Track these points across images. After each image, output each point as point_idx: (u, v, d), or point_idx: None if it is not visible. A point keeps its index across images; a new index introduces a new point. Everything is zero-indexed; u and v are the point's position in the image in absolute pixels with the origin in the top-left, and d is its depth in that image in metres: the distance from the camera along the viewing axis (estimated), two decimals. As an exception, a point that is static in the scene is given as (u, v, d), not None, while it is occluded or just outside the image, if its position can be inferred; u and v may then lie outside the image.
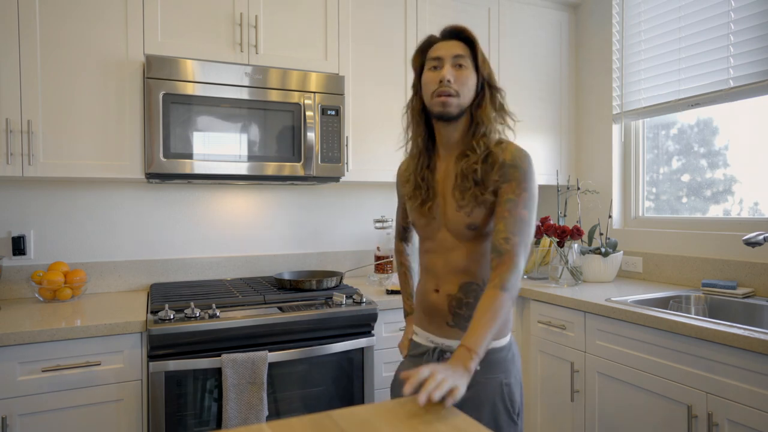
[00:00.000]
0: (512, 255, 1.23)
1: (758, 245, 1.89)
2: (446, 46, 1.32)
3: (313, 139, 2.19)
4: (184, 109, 2.03)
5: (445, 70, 1.29)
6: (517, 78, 2.81)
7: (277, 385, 1.91)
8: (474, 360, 1.11)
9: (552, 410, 2.31)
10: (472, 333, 1.16)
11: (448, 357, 1.34)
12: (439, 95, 1.29)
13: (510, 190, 1.26)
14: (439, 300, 1.37)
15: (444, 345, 1.36)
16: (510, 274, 1.22)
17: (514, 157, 1.28)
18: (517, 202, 1.26)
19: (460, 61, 1.30)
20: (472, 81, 1.31)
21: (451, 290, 1.35)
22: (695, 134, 2.54)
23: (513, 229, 1.24)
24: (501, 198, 1.27)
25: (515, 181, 1.27)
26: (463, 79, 1.30)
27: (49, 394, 1.67)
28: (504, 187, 1.27)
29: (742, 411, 1.55)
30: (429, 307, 1.39)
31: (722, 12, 2.29)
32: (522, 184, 1.27)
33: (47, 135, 1.94)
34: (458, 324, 1.35)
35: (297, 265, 2.68)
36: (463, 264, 1.34)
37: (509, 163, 1.28)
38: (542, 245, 2.68)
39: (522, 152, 1.29)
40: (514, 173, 1.27)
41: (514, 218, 1.25)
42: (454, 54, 1.30)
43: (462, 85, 1.29)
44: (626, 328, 1.93)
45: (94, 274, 2.30)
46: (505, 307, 1.20)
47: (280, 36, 2.28)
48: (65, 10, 1.96)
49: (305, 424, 0.93)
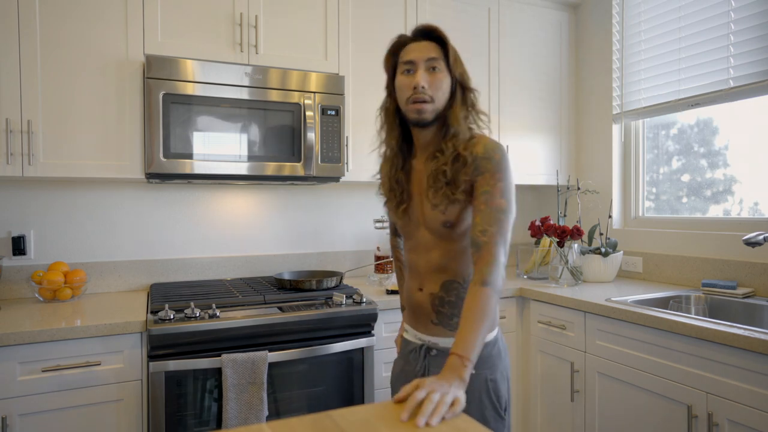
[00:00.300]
0: (490, 246, 1.21)
1: (758, 245, 1.89)
2: (419, 48, 1.30)
3: (313, 139, 2.19)
4: (184, 109, 2.03)
5: (419, 75, 1.27)
6: (517, 78, 2.81)
7: (277, 385, 1.91)
8: (467, 368, 1.10)
9: (552, 410, 2.30)
10: (461, 339, 1.14)
11: (434, 354, 1.36)
12: (414, 102, 1.28)
13: (484, 182, 1.25)
14: (423, 298, 1.37)
15: (430, 342, 1.38)
16: (489, 267, 1.20)
17: (486, 149, 1.27)
18: (493, 192, 1.24)
19: (434, 64, 1.29)
20: (446, 84, 1.30)
21: (433, 289, 1.36)
22: (695, 134, 2.54)
23: (489, 220, 1.22)
24: (477, 192, 1.26)
25: (488, 172, 1.25)
26: (437, 84, 1.28)
27: (49, 394, 1.67)
28: (479, 180, 1.26)
29: (742, 411, 1.55)
30: (414, 305, 1.41)
31: (722, 12, 2.29)
32: (496, 175, 1.25)
33: (47, 135, 1.94)
34: (442, 322, 1.36)
35: (297, 265, 2.68)
36: (443, 262, 1.35)
37: (481, 155, 1.26)
38: (542, 245, 2.68)
39: (494, 143, 1.28)
40: (486, 165, 1.25)
41: (490, 209, 1.23)
42: (427, 57, 1.28)
43: (436, 90, 1.28)
44: (626, 328, 1.93)
45: (94, 274, 2.30)
46: (491, 303, 1.18)
47: (280, 36, 2.28)
48: (65, 10, 1.96)
49: (305, 425, 0.93)
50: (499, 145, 1.28)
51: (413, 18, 2.54)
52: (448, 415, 0.96)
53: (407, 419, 0.94)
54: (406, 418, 0.94)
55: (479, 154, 1.27)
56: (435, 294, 1.35)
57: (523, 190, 3.29)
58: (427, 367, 1.38)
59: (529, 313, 2.44)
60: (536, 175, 2.90)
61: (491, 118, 2.74)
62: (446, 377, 1.07)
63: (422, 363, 1.39)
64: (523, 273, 2.74)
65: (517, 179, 2.83)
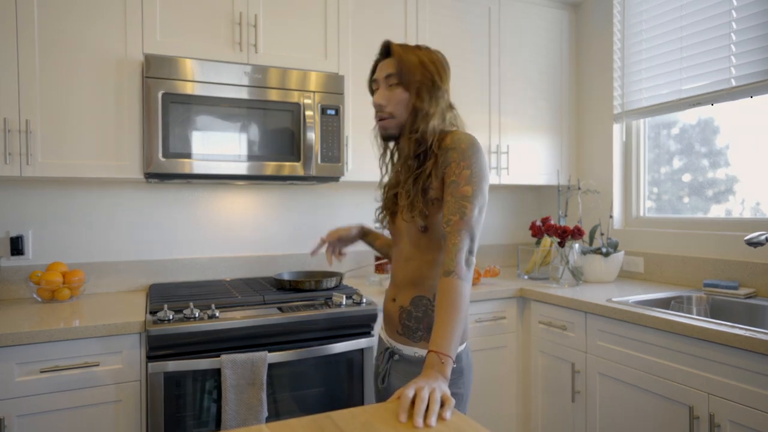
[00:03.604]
0: (452, 236, 1.21)
1: (760, 245, 1.89)
2: (380, 68, 1.36)
3: (313, 139, 2.18)
4: (183, 109, 2.02)
5: (377, 94, 1.35)
6: (517, 77, 2.80)
7: (277, 385, 1.90)
8: (447, 363, 1.12)
9: (553, 411, 2.30)
10: (436, 335, 1.15)
11: (397, 359, 1.41)
12: (379, 120, 1.36)
13: (451, 173, 1.25)
14: (394, 309, 1.42)
15: (395, 347, 1.42)
16: (450, 256, 1.20)
17: (453, 139, 1.27)
18: (458, 182, 1.24)
19: (391, 81, 1.33)
20: (403, 96, 1.32)
21: (403, 302, 1.39)
22: (696, 134, 2.53)
23: (453, 209, 1.23)
24: (445, 184, 1.26)
25: (454, 162, 1.25)
26: (394, 99, 1.32)
27: (47, 395, 1.66)
28: (446, 172, 1.26)
29: (744, 412, 1.54)
30: (387, 313, 1.47)
31: (723, 11, 2.28)
32: (461, 163, 1.24)
33: (45, 135, 1.94)
34: (406, 333, 1.39)
35: (296, 265, 2.67)
36: (417, 275, 1.37)
37: (449, 146, 1.27)
38: (543, 245, 2.67)
39: (463, 134, 1.29)
40: (452, 155, 1.25)
41: (455, 198, 1.23)
42: (385, 75, 1.34)
43: (396, 105, 1.32)
44: (627, 329, 1.92)
45: (92, 274, 2.30)
46: (458, 291, 1.17)
47: (280, 35, 2.27)
48: (63, 9, 1.95)
49: (305, 425, 0.92)
50: (469, 136, 1.29)
51: (413, 17, 2.53)
52: (447, 414, 0.97)
53: (406, 420, 0.95)
54: (404, 419, 0.95)
55: (447, 145, 1.28)
56: (404, 308, 1.39)
57: (524, 190, 3.28)
58: (389, 370, 1.43)
59: (529, 314, 2.43)
60: (537, 174, 2.89)
61: (491, 117, 2.74)
62: (428, 375, 1.09)
63: (385, 365, 1.44)
64: (523, 273, 2.73)
65: (518, 179, 2.83)
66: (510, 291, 2.42)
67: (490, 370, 2.39)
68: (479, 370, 2.35)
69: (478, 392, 2.35)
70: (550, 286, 2.43)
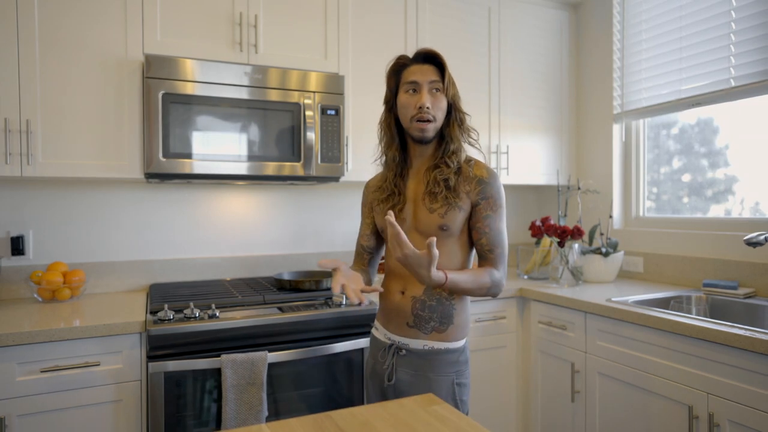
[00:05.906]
0: (496, 263, 1.43)
1: (759, 245, 1.89)
2: (422, 71, 1.43)
3: (313, 139, 2.18)
4: (183, 109, 2.02)
5: (424, 96, 1.40)
6: (517, 77, 2.80)
7: (277, 385, 1.90)
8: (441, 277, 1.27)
9: (552, 411, 2.30)
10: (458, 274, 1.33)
11: (403, 353, 1.43)
12: (419, 120, 1.41)
13: (488, 207, 1.42)
14: (404, 302, 1.45)
15: (400, 342, 1.45)
16: (497, 272, 1.42)
17: (489, 175, 1.43)
18: (495, 218, 1.43)
19: (435, 86, 1.42)
20: (444, 104, 1.44)
21: (416, 293, 1.44)
22: (696, 134, 2.53)
23: (495, 242, 1.43)
24: (479, 214, 1.42)
25: (491, 198, 1.42)
26: (438, 104, 1.42)
27: (47, 395, 1.66)
28: (482, 203, 1.42)
29: (743, 412, 1.55)
30: (392, 308, 1.47)
31: (723, 11, 2.28)
32: (498, 201, 1.43)
33: (46, 135, 1.94)
34: (417, 324, 1.43)
35: (297, 265, 2.67)
36: None
37: (486, 180, 1.42)
38: (543, 245, 2.68)
39: (492, 171, 1.46)
40: (490, 191, 1.42)
41: (494, 232, 1.43)
42: (430, 80, 1.42)
43: (438, 110, 1.42)
44: (627, 329, 1.93)
45: (93, 274, 2.30)
46: (484, 285, 1.38)
47: (280, 35, 2.27)
48: (64, 9, 1.95)
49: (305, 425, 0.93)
50: (496, 172, 1.48)
51: (413, 17, 2.54)
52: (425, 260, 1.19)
53: None
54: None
55: (484, 177, 1.43)
56: (417, 298, 1.43)
57: (524, 190, 3.28)
58: (394, 366, 1.44)
59: (529, 314, 2.43)
60: (537, 175, 2.89)
61: (491, 117, 2.74)
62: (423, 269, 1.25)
63: (390, 361, 1.45)
64: (523, 273, 2.74)
65: (518, 179, 2.83)
66: (510, 291, 2.42)
67: (490, 369, 2.40)
68: (479, 370, 2.36)
69: (478, 392, 2.35)
70: (549, 286, 2.44)
